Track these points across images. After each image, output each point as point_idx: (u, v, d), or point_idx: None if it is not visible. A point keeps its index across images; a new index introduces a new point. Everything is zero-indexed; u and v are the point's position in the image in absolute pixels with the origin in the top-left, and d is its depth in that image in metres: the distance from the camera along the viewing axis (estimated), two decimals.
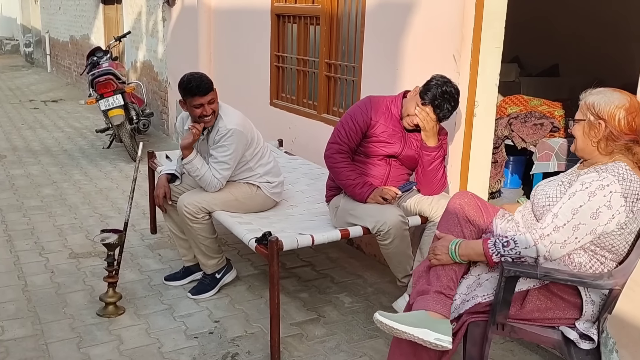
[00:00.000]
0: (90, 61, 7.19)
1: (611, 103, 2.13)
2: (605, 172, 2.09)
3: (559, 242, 2.08)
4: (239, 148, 3.34)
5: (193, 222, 3.30)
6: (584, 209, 2.06)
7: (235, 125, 3.31)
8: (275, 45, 5.24)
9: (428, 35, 3.45)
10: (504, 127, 4.80)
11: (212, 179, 3.31)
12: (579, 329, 2.20)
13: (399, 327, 2.12)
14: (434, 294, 2.19)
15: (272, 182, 3.55)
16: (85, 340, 2.98)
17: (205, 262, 3.46)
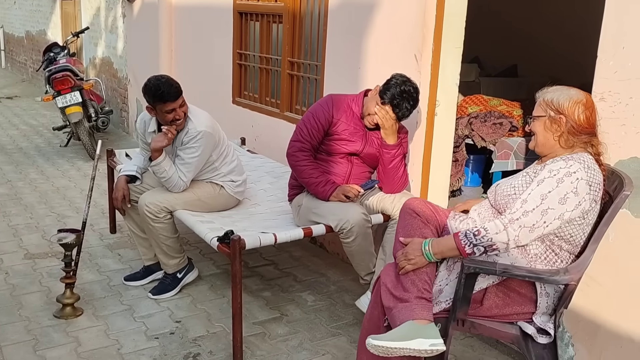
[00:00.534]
0: (46, 57, 7.02)
1: (570, 99, 2.19)
2: (572, 160, 2.15)
3: (527, 225, 2.10)
4: (207, 150, 3.31)
5: (154, 221, 3.25)
6: (552, 195, 2.10)
7: (205, 127, 3.28)
8: (237, 43, 5.21)
9: (390, 35, 3.48)
10: (464, 126, 4.87)
11: (178, 181, 3.28)
12: (536, 323, 2.24)
13: (395, 345, 2.10)
14: (415, 301, 2.19)
15: (235, 181, 3.53)
16: (41, 343, 2.91)
17: (167, 261, 3.42)
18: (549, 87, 2.29)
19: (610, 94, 2.39)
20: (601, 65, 2.43)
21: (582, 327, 2.60)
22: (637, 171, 2.32)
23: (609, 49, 2.39)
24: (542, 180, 2.13)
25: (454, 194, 4.93)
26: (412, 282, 2.23)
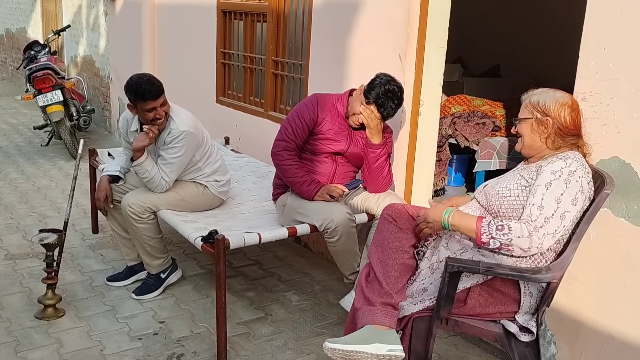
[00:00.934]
0: (27, 55, 6.94)
1: (556, 101, 2.22)
2: (568, 158, 2.17)
3: (550, 232, 2.09)
4: (190, 150, 3.29)
5: (138, 222, 3.23)
6: (564, 197, 2.10)
7: (188, 127, 3.26)
8: (221, 41, 5.18)
9: (374, 34, 3.49)
10: (448, 126, 4.90)
11: (161, 181, 3.25)
12: (519, 321, 2.27)
13: (352, 349, 2.11)
14: (380, 306, 2.19)
15: (219, 181, 3.51)
16: (22, 344, 2.87)
17: (150, 262, 3.39)
18: (534, 90, 2.31)
19: (592, 94, 2.41)
20: (583, 65, 2.45)
21: (564, 325, 2.63)
22: (617, 170, 2.35)
23: (591, 49, 2.41)
24: (549, 183, 2.12)
25: (437, 193, 4.96)
26: (385, 282, 2.23)
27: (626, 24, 2.29)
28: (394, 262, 2.28)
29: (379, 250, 2.34)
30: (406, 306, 2.27)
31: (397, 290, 2.23)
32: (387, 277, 2.24)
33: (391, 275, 2.25)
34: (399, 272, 2.26)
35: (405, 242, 2.34)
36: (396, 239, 2.34)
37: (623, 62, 2.31)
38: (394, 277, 2.24)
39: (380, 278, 2.24)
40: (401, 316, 2.27)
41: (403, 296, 2.26)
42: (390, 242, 2.33)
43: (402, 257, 2.30)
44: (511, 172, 2.41)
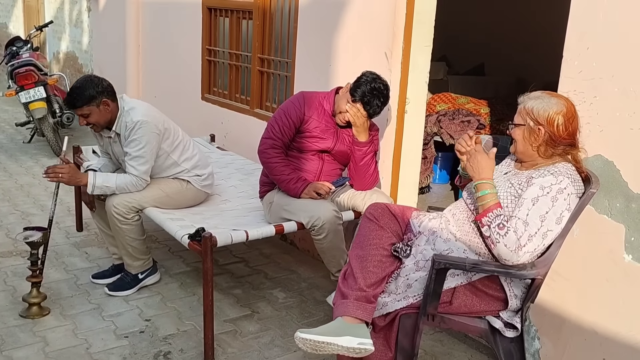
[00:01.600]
0: (9, 51, 6.86)
1: (549, 109, 2.20)
2: (560, 175, 2.16)
3: (529, 250, 2.12)
4: (152, 139, 3.21)
5: (122, 223, 3.22)
6: (549, 215, 2.11)
7: (142, 116, 3.21)
8: (206, 38, 5.17)
9: (361, 32, 3.50)
10: (433, 123, 4.94)
11: (130, 179, 3.20)
12: (503, 318, 2.29)
13: (323, 340, 2.11)
14: (353, 300, 2.20)
15: (201, 175, 3.49)
16: (7, 343, 2.85)
17: (131, 262, 3.38)
18: (531, 93, 2.29)
19: (575, 93, 2.45)
20: (566, 65, 2.49)
21: (547, 321, 2.67)
22: (601, 168, 2.39)
23: (574, 49, 2.45)
24: (536, 199, 2.13)
25: (422, 191, 5.00)
26: (362, 277, 2.23)
27: (609, 24, 2.33)
28: (372, 257, 2.28)
29: (359, 247, 2.35)
30: (390, 302, 2.28)
31: (371, 284, 2.22)
32: (364, 272, 2.24)
33: (369, 270, 2.25)
34: (377, 268, 2.26)
35: (385, 240, 2.34)
36: (376, 236, 2.35)
37: (606, 62, 2.35)
38: (371, 272, 2.24)
39: (356, 273, 2.25)
40: (385, 312, 2.28)
41: (379, 289, 2.25)
42: (370, 239, 2.34)
43: (380, 253, 2.30)
44: (500, 176, 2.39)
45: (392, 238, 2.37)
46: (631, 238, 2.33)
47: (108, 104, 3.20)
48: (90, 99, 3.15)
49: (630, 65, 2.28)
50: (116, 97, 3.27)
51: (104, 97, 3.18)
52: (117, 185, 3.20)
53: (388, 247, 2.34)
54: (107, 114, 3.22)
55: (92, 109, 3.18)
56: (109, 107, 3.21)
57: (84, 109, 3.17)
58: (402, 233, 2.44)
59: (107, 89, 3.22)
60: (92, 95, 3.15)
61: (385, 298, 2.28)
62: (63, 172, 3.20)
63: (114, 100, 3.24)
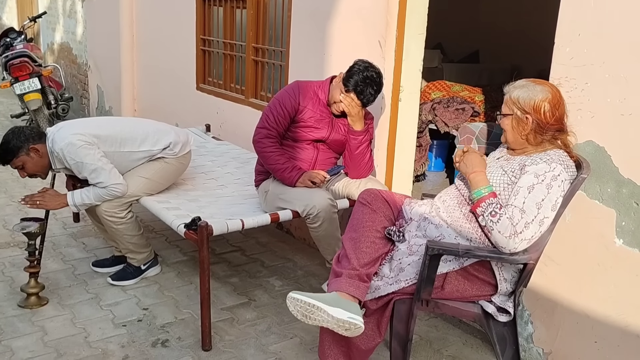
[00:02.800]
0: (2, 43, 6.86)
1: (535, 97, 2.23)
2: (553, 162, 2.19)
3: (527, 238, 2.14)
4: (85, 152, 3.11)
5: (117, 224, 3.24)
6: (545, 202, 2.14)
7: (61, 142, 3.11)
8: (200, 28, 5.16)
9: (354, 21, 3.51)
10: (428, 111, 4.95)
11: (102, 191, 3.16)
12: (496, 302, 2.33)
13: (314, 303, 2.10)
14: (346, 278, 2.21)
15: (168, 146, 3.37)
16: (6, 333, 2.87)
17: (134, 256, 3.42)
18: (516, 82, 2.31)
19: (567, 80, 2.46)
20: (558, 51, 2.50)
21: (540, 305, 2.70)
22: (592, 154, 2.41)
23: (566, 35, 2.46)
24: (532, 187, 2.16)
25: (418, 178, 5.01)
26: (355, 257, 2.25)
27: (600, 11, 2.34)
28: (365, 238, 2.31)
29: (352, 230, 2.37)
30: (382, 286, 2.30)
31: (364, 264, 2.24)
32: (358, 252, 2.26)
33: (362, 250, 2.27)
34: (370, 248, 2.28)
35: (378, 223, 2.37)
36: (370, 219, 2.37)
37: (597, 48, 2.36)
38: (364, 252, 2.26)
39: (350, 254, 2.27)
40: (377, 296, 2.30)
41: (372, 269, 2.26)
42: (363, 222, 2.37)
43: (373, 234, 2.33)
44: (493, 161, 2.42)
45: (384, 222, 2.41)
46: (622, 223, 2.36)
47: (37, 149, 3.17)
48: (17, 151, 3.14)
49: (621, 51, 2.29)
50: (44, 139, 3.20)
51: (30, 143, 3.15)
52: (95, 198, 3.18)
53: (381, 230, 2.37)
54: (41, 158, 3.19)
55: (23, 160, 3.16)
56: (40, 152, 3.18)
57: (16, 161, 3.16)
58: (394, 218, 2.47)
59: (30, 136, 3.17)
60: (17, 146, 3.13)
61: (378, 282, 2.31)
62: (40, 199, 3.21)
63: (43, 143, 3.19)
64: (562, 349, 2.64)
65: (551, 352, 2.68)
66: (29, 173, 3.23)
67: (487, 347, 2.92)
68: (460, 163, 2.38)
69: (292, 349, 2.86)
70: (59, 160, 3.20)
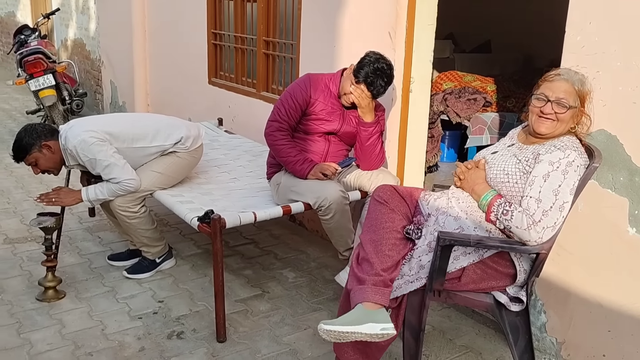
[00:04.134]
0: (17, 40, 6.92)
1: (589, 91, 2.26)
2: (567, 148, 2.18)
3: (549, 225, 2.13)
4: (98, 149, 3.15)
5: (130, 218, 3.28)
6: (563, 188, 2.13)
7: (74, 139, 3.17)
8: (212, 22, 5.18)
9: (364, 12, 3.50)
10: (440, 102, 4.93)
11: (115, 186, 3.19)
12: (509, 292, 2.32)
13: (346, 330, 2.13)
14: (371, 285, 2.21)
15: (180, 141, 3.40)
16: (25, 326, 2.93)
17: (149, 250, 3.46)
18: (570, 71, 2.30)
19: (578, 68, 2.44)
20: (569, 40, 2.49)
21: (553, 295, 2.70)
22: (604, 143, 2.40)
23: (577, 24, 2.45)
24: (547, 175, 2.15)
25: (430, 170, 5.01)
26: (378, 261, 2.24)
27: None
28: (387, 241, 2.29)
29: (371, 230, 2.35)
30: (403, 285, 2.29)
31: (387, 268, 2.24)
32: (380, 256, 2.25)
33: (385, 253, 2.25)
34: (392, 251, 2.27)
35: (397, 223, 2.35)
36: (388, 219, 2.35)
37: (608, 36, 2.35)
38: (387, 256, 2.25)
39: (371, 258, 2.25)
40: (400, 294, 2.30)
41: (395, 273, 2.26)
42: (382, 223, 2.35)
43: (394, 236, 2.31)
44: (504, 148, 2.40)
45: (403, 220, 2.38)
46: (635, 211, 2.35)
47: (49, 146, 3.22)
48: (29, 147, 3.19)
49: (632, 39, 2.28)
50: (56, 136, 3.24)
51: (42, 140, 3.20)
52: (108, 194, 3.23)
53: (401, 230, 2.35)
54: (53, 155, 3.24)
55: (36, 156, 3.22)
56: (52, 148, 3.23)
57: (29, 158, 3.22)
58: (411, 215, 2.46)
59: (42, 133, 3.22)
60: (29, 143, 3.19)
61: (399, 281, 2.29)
62: (55, 196, 3.27)
63: (55, 139, 3.24)
64: (575, 338, 2.64)
65: (564, 342, 2.68)
66: (42, 169, 3.28)
67: (500, 336, 2.93)
68: (463, 181, 2.38)
69: (305, 340, 2.89)
70: (72, 157, 3.24)
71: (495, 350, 2.85)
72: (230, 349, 2.80)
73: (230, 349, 2.80)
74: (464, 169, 2.40)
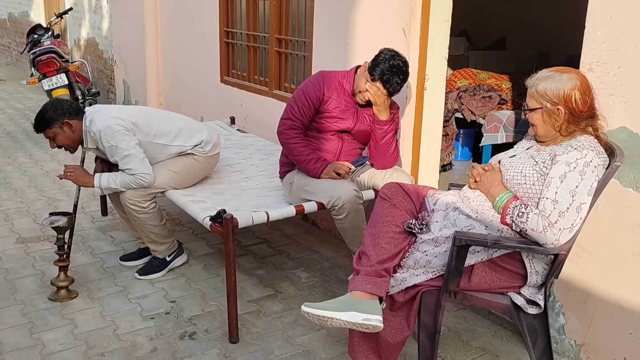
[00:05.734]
0: (30, 39, 6.94)
1: (564, 86, 2.14)
2: (584, 148, 2.12)
3: (566, 227, 2.08)
4: (122, 137, 3.17)
5: (139, 212, 3.26)
6: (580, 189, 2.07)
7: (100, 124, 3.19)
8: (224, 20, 5.16)
9: (378, 9, 3.46)
10: (454, 100, 4.88)
11: (130, 178, 3.19)
12: (525, 295, 2.27)
13: (324, 314, 2.12)
14: (363, 275, 2.20)
15: (199, 144, 3.40)
16: (37, 326, 2.92)
17: (156, 248, 3.43)
18: (538, 74, 2.23)
19: (599, 65, 2.39)
20: (589, 36, 2.43)
21: (572, 296, 2.65)
22: (625, 141, 2.34)
23: (597, 19, 2.39)
24: (564, 176, 2.10)
25: (444, 168, 4.96)
26: (374, 253, 2.22)
27: None
28: (384, 234, 2.28)
29: (372, 225, 2.35)
30: (408, 277, 2.27)
31: (382, 260, 2.22)
32: (376, 249, 2.24)
33: (381, 246, 2.24)
34: (389, 244, 2.26)
35: (397, 218, 2.34)
36: (389, 214, 2.34)
37: (630, 31, 2.29)
38: (383, 249, 2.24)
39: (368, 251, 2.25)
40: (404, 287, 2.27)
41: (390, 264, 2.24)
42: (383, 217, 2.34)
43: (392, 229, 2.30)
44: (523, 151, 2.36)
45: (405, 216, 2.36)
46: None
47: (71, 125, 3.24)
48: (51, 122, 3.22)
49: None
50: (80, 116, 3.27)
51: (65, 118, 3.22)
52: (121, 185, 3.23)
53: (400, 224, 2.33)
54: (73, 134, 3.26)
55: (55, 131, 3.25)
56: (73, 127, 3.25)
57: (48, 132, 3.25)
58: (416, 211, 2.43)
59: (67, 111, 3.24)
60: (52, 117, 3.22)
61: (404, 273, 2.28)
62: (72, 171, 3.30)
63: (79, 120, 3.26)
64: (595, 341, 2.58)
65: (584, 344, 2.63)
66: (59, 145, 3.31)
67: (517, 338, 2.88)
68: (479, 183, 2.33)
69: (319, 341, 2.85)
70: (92, 140, 3.26)
71: (512, 352, 2.80)
72: (242, 350, 2.77)
73: (243, 350, 2.77)
74: (481, 171, 2.35)
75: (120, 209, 3.55)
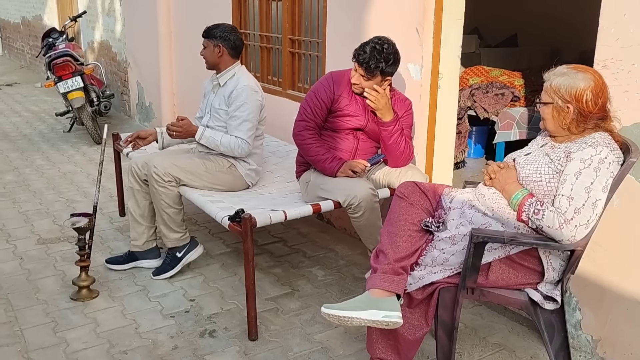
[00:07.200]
0: (45, 43, 7.03)
1: (577, 85, 2.15)
2: (599, 145, 2.13)
3: (582, 223, 2.09)
4: (255, 107, 3.45)
5: (159, 185, 3.29)
6: (595, 185, 2.08)
7: (249, 83, 3.47)
8: (237, 21, 5.20)
9: (391, 9, 3.48)
10: (467, 97, 4.89)
11: (236, 140, 3.39)
12: (542, 291, 2.29)
13: (345, 315, 2.14)
14: (381, 272, 2.22)
15: (250, 164, 3.54)
16: (60, 325, 2.98)
17: (167, 233, 3.39)
18: (556, 69, 2.24)
19: (613, 61, 2.41)
20: (603, 32, 2.44)
21: (588, 292, 2.66)
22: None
23: (611, 16, 2.40)
24: (579, 172, 2.11)
25: (457, 166, 4.97)
26: (392, 251, 2.25)
27: None
28: (401, 232, 2.30)
29: (389, 224, 2.37)
30: (426, 275, 2.29)
31: (400, 258, 2.24)
32: (394, 247, 2.26)
33: (398, 244, 2.27)
34: (406, 242, 2.28)
35: (414, 216, 2.36)
36: (406, 212, 2.36)
37: None
38: (400, 247, 2.26)
39: (386, 249, 2.27)
40: (422, 285, 2.29)
41: (408, 262, 2.26)
42: (400, 216, 2.36)
43: (410, 228, 2.32)
44: (537, 149, 2.37)
45: (422, 214, 2.39)
46: None
47: (221, 51, 3.52)
48: (211, 36, 3.55)
49: None
50: (236, 56, 3.58)
51: (221, 43, 3.51)
52: (221, 142, 3.41)
53: (417, 223, 2.35)
54: (215, 57, 3.55)
55: (208, 44, 3.57)
56: (221, 54, 3.53)
57: (206, 42, 3.57)
58: (432, 210, 2.45)
59: (229, 41, 3.52)
60: (215, 34, 3.55)
61: (422, 271, 2.30)
62: (179, 126, 3.42)
63: (230, 55, 3.55)
64: (611, 336, 2.60)
65: (600, 339, 2.64)
66: (203, 55, 3.61)
67: (534, 334, 2.90)
68: (494, 180, 2.34)
69: (337, 338, 2.89)
70: (228, 83, 3.52)
71: (529, 348, 2.82)
72: (262, 347, 2.81)
73: (262, 347, 2.81)
74: (496, 168, 2.37)
75: (134, 205, 3.55)
